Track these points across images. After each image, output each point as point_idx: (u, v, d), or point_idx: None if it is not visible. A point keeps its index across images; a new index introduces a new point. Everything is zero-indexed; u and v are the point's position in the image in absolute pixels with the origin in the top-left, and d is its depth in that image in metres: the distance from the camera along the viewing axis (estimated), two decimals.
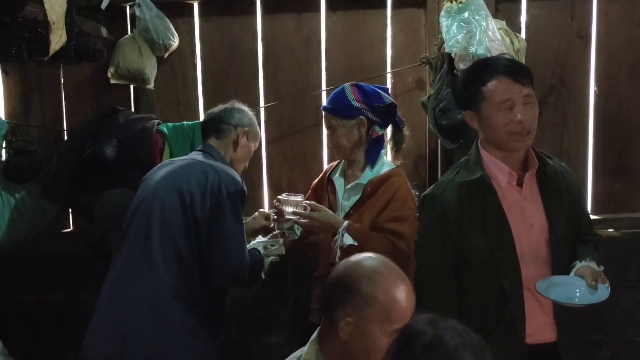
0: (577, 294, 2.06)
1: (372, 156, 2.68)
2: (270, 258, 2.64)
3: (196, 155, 2.55)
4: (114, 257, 2.46)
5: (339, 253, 2.50)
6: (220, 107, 2.68)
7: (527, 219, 2.17)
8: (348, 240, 2.50)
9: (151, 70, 3.22)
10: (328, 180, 2.83)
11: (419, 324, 1.57)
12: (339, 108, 2.66)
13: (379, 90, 2.71)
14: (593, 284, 2.05)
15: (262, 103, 3.35)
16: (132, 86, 3.34)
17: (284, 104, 3.34)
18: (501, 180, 2.17)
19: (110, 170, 2.96)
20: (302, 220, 2.60)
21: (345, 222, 2.55)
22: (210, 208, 2.32)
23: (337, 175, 2.79)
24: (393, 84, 3.33)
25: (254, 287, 2.65)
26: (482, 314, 2.15)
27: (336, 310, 1.64)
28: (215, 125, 2.62)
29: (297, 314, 3.31)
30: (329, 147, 3.24)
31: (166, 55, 3.29)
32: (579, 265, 2.13)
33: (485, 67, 2.17)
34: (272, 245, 2.64)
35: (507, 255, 2.13)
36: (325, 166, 3.15)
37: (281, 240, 2.68)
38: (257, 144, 2.75)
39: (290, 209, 2.71)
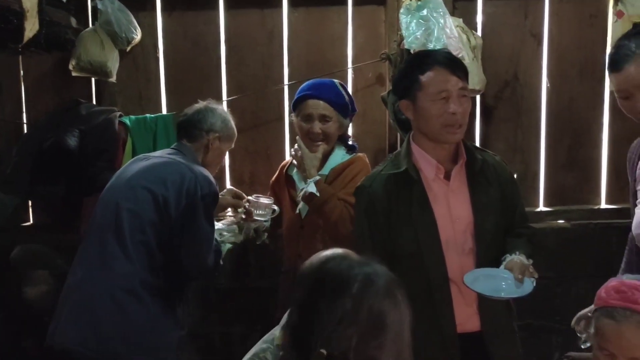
0: (503, 287, 2.09)
1: (351, 150, 2.80)
2: (228, 245, 2.68)
3: (172, 155, 2.58)
4: (81, 247, 2.48)
5: (301, 205, 2.61)
6: (195, 107, 2.70)
7: (452, 211, 2.20)
8: (312, 188, 2.55)
9: (113, 63, 3.22)
10: (286, 177, 2.87)
11: (346, 270, 1.42)
12: (339, 103, 2.72)
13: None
14: (519, 277, 2.08)
15: (225, 97, 3.38)
16: (94, 79, 3.33)
17: (247, 98, 3.38)
18: (428, 172, 2.21)
19: (72, 160, 2.96)
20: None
21: (317, 177, 2.61)
22: (185, 208, 2.37)
23: (295, 170, 2.83)
24: (354, 79, 3.39)
25: (214, 276, 2.69)
26: (409, 303, 2.21)
27: None
28: (187, 129, 2.65)
29: (260, 305, 3.36)
30: (291, 140, 3.29)
31: (128, 48, 3.29)
32: (508, 258, 2.16)
33: (424, 58, 2.22)
34: (228, 233, 2.68)
35: (432, 247, 2.16)
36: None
37: (237, 229, 2.73)
38: (233, 144, 2.78)
39: (259, 211, 2.77)
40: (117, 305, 2.29)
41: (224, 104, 3.36)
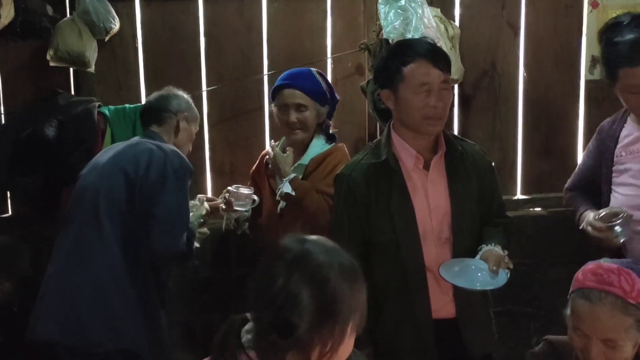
0: (479, 278, 2.13)
1: (331, 140, 2.82)
2: (203, 229, 2.68)
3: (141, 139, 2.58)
4: (59, 237, 2.47)
5: (282, 204, 2.63)
6: (156, 94, 2.74)
7: (431, 201, 2.23)
8: (287, 188, 2.58)
9: (92, 53, 3.20)
10: (266, 166, 2.88)
11: (287, 241, 1.41)
12: (315, 91, 2.74)
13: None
14: (494, 269, 2.12)
15: (204, 86, 3.37)
16: (72, 69, 3.31)
17: (226, 88, 3.38)
18: (408, 162, 2.24)
19: (50, 151, 2.95)
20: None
21: (292, 175, 2.63)
22: (154, 183, 2.36)
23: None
24: (333, 69, 3.41)
25: (187, 262, 2.68)
26: (385, 290, 2.23)
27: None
28: (154, 114, 2.67)
29: (241, 294, 3.36)
30: (272, 129, 3.30)
31: (107, 38, 3.26)
32: (485, 249, 2.19)
33: (407, 49, 2.23)
34: (192, 208, 2.67)
35: (409, 236, 2.20)
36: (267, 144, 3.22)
37: (198, 203, 2.72)
38: (197, 126, 2.80)
39: (239, 202, 2.78)
40: (97, 294, 2.29)
41: (204, 94, 3.37)
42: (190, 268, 3.27)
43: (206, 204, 2.81)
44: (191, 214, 2.59)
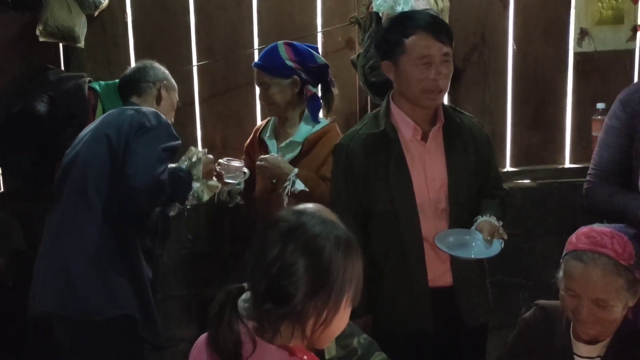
0: (473, 247, 2.18)
1: (314, 113, 2.78)
2: (213, 182, 2.66)
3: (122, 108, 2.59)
4: (50, 213, 2.48)
5: (286, 200, 2.60)
6: (132, 68, 2.76)
7: (428, 172, 2.25)
8: (300, 185, 2.57)
9: (81, 28, 3.17)
10: (259, 140, 2.89)
11: (284, 212, 1.43)
12: (273, 66, 2.73)
13: (312, 51, 2.80)
14: (488, 239, 2.16)
15: (194, 61, 3.37)
16: (61, 45, 3.28)
17: (217, 63, 3.37)
18: (406, 133, 2.25)
19: (42, 126, 2.94)
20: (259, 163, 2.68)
21: (295, 169, 2.63)
22: (131, 140, 2.35)
23: (268, 134, 2.86)
24: (323, 43, 3.40)
25: (174, 208, 2.69)
26: (383, 261, 2.26)
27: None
28: (133, 85, 2.68)
29: (235, 268, 3.39)
30: (261, 105, 3.31)
31: (96, 13, 3.23)
32: (480, 220, 2.23)
33: (409, 21, 2.23)
34: (188, 154, 2.65)
35: (407, 206, 2.22)
36: (258, 119, 3.23)
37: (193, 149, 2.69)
38: (177, 96, 2.80)
39: (230, 174, 2.79)
40: (89, 264, 2.29)
41: (194, 69, 3.36)
42: (185, 243, 3.29)
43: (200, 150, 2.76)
44: (186, 163, 2.58)
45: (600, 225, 1.92)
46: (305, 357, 1.35)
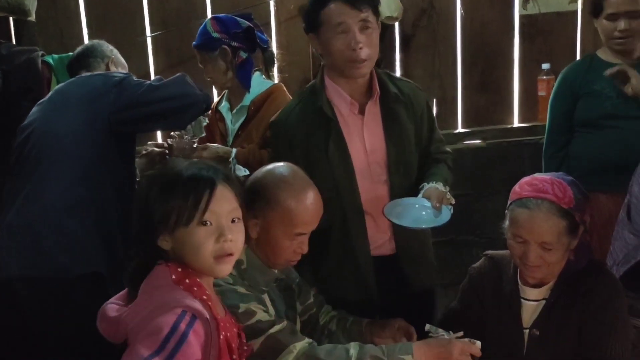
0: (423, 216, 2.15)
1: (244, 79, 2.76)
2: None
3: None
4: (8, 187, 2.47)
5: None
6: (80, 47, 2.80)
7: (368, 145, 2.24)
8: (240, 171, 2.56)
9: (31, 2, 3.13)
10: (216, 112, 2.93)
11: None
12: (203, 43, 2.75)
13: (235, 17, 2.79)
14: (437, 206, 2.14)
15: (148, 33, 3.37)
16: (12, 19, 3.25)
17: (171, 34, 3.38)
18: (343, 109, 2.23)
19: None
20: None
21: (233, 151, 2.63)
22: (120, 95, 2.40)
23: (223, 104, 2.89)
24: (276, 11, 3.44)
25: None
26: (328, 233, 2.25)
27: (248, 211, 1.72)
28: (83, 61, 2.71)
29: None
30: None
31: None
32: (426, 187, 2.22)
33: None
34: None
35: (347, 181, 2.21)
36: (215, 96, 3.24)
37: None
38: (126, 70, 2.82)
39: (180, 147, 2.80)
40: (52, 224, 2.27)
41: (148, 40, 3.36)
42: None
43: None
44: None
45: (541, 174, 2.04)
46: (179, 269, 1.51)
